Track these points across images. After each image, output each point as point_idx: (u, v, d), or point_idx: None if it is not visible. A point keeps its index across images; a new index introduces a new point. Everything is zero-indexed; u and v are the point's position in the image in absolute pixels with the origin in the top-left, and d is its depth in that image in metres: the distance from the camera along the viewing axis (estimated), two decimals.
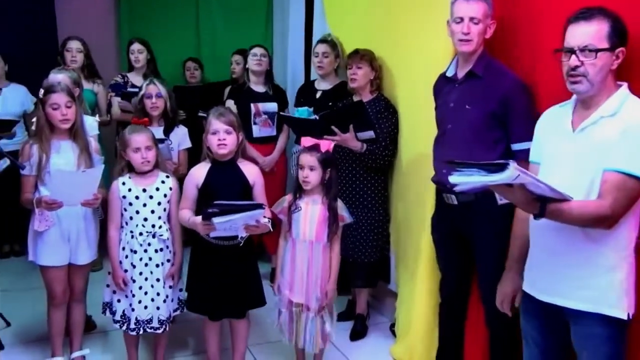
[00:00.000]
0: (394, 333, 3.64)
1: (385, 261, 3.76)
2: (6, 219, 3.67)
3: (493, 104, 2.58)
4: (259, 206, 2.71)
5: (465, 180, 1.81)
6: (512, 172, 1.71)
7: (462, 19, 2.59)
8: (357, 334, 3.73)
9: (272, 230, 2.93)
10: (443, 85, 2.84)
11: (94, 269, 3.34)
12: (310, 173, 2.95)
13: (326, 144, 3.00)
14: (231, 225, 2.73)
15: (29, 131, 3.47)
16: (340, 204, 3.04)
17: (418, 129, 3.33)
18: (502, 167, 1.73)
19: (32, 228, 3.05)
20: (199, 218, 2.77)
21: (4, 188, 3.16)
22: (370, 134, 3.43)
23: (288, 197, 3.06)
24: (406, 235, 3.49)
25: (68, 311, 3.23)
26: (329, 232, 2.98)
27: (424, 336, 3.23)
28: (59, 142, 3.03)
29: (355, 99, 3.64)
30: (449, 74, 2.79)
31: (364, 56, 3.56)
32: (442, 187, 2.74)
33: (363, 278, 3.73)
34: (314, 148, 2.98)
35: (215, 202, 2.67)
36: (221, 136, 2.92)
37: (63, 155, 3.01)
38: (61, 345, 3.23)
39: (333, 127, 3.37)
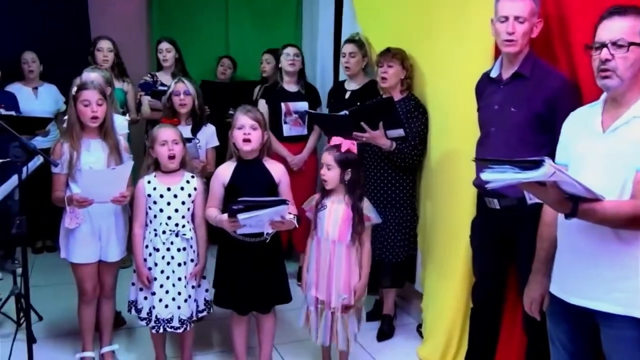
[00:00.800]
0: (420, 334, 3.61)
1: (412, 261, 3.73)
2: (39, 216, 3.75)
3: (539, 106, 2.50)
4: (283, 202, 2.73)
5: (498, 177, 1.77)
6: (547, 169, 1.67)
7: (506, 18, 2.51)
8: (384, 334, 3.70)
9: (297, 226, 2.93)
10: (486, 86, 2.77)
11: (123, 265, 3.38)
12: (327, 172, 2.95)
13: (347, 144, 2.98)
14: (257, 221, 2.75)
15: (61, 130, 3.53)
16: (367, 205, 3.02)
17: (448, 129, 3.29)
18: (537, 165, 1.69)
19: (63, 226, 3.10)
20: (225, 215, 2.80)
21: (37, 185, 3.21)
22: (399, 132, 3.40)
23: (317, 195, 3.07)
24: (434, 236, 3.46)
25: (98, 307, 3.28)
26: (353, 232, 2.97)
27: (452, 339, 3.20)
28: (89, 141, 3.07)
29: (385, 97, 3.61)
30: (493, 74, 2.71)
31: (395, 55, 3.52)
32: (484, 190, 2.65)
33: (390, 278, 3.71)
34: (335, 147, 2.98)
35: (240, 198, 2.70)
36: (246, 131, 2.94)
37: (93, 154, 3.06)
38: (91, 340, 3.28)
39: (362, 124, 3.35)
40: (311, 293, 3.05)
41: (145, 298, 3.08)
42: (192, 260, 3.08)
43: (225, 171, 3.02)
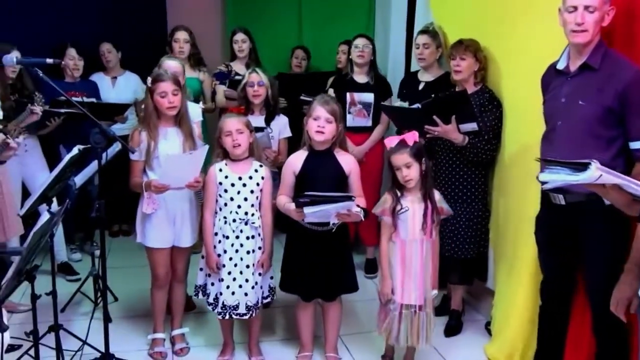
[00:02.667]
0: (489, 331, 3.53)
1: (483, 258, 3.64)
2: (116, 200, 3.90)
3: (610, 99, 2.39)
4: (349, 198, 2.74)
5: (551, 178, 1.77)
6: (593, 173, 1.66)
7: (575, 8, 2.41)
8: (452, 329, 3.65)
9: (363, 219, 2.93)
10: (553, 78, 2.67)
11: (195, 251, 3.46)
12: (409, 171, 2.90)
13: (411, 137, 2.94)
14: (323, 213, 2.78)
15: (139, 117, 3.64)
16: (438, 196, 2.99)
17: (524, 124, 3.19)
18: (584, 167, 1.67)
19: (140, 211, 3.21)
20: (293, 205, 2.83)
21: (115, 171, 3.33)
22: (473, 125, 3.32)
23: (389, 197, 3.00)
24: (506, 233, 3.37)
25: (170, 291, 3.38)
26: (431, 223, 2.94)
27: (521, 338, 3.12)
28: (166, 129, 3.16)
29: (458, 89, 3.53)
30: (560, 66, 2.61)
31: (468, 47, 3.44)
32: None
33: (459, 275, 3.64)
34: (402, 145, 2.93)
35: (307, 192, 2.74)
36: (321, 123, 2.96)
37: (170, 141, 3.14)
38: (162, 323, 3.39)
39: (435, 117, 3.29)
40: (397, 299, 2.97)
41: (213, 284, 3.15)
42: (259, 248, 3.12)
43: (296, 160, 3.06)
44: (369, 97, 4.30)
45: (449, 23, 3.95)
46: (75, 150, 3.08)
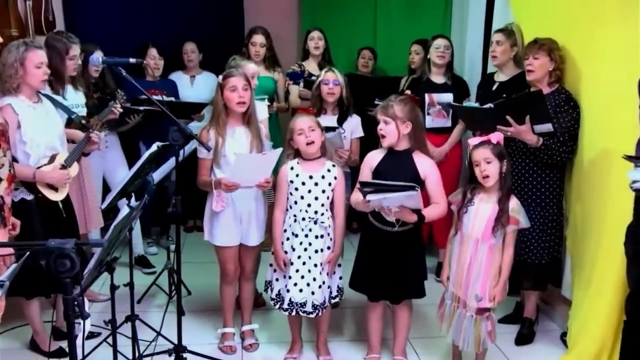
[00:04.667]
0: (564, 343, 3.40)
1: (557, 264, 3.51)
2: (191, 196, 3.98)
3: None
4: (412, 187, 2.71)
5: None
6: None
7: None
8: (524, 338, 3.54)
9: (412, 221, 2.90)
10: None
11: (265, 249, 3.50)
12: (488, 166, 2.85)
13: (495, 136, 2.89)
14: (387, 202, 2.79)
15: None
16: (517, 207, 2.90)
17: (604, 127, 3.06)
18: None
19: (208, 209, 3.27)
20: (361, 196, 2.83)
21: (191, 168, 3.41)
22: (547, 126, 3.21)
23: (463, 190, 3.01)
24: (585, 241, 3.24)
25: (239, 288, 3.44)
26: (497, 231, 2.87)
27: (601, 353, 3.00)
28: (234, 128, 3.20)
29: (533, 90, 3.42)
30: None
31: (542, 46, 3.33)
32: None
33: (531, 280, 3.52)
34: (485, 142, 2.89)
35: (371, 180, 2.78)
36: (380, 126, 2.98)
37: (237, 140, 3.19)
38: (232, 318, 3.46)
39: (508, 117, 3.21)
40: (451, 289, 3.01)
41: (277, 280, 3.18)
42: (328, 248, 3.13)
43: (374, 157, 3.07)
44: (448, 97, 4.24)
45: (528, 22, 3.84)
46: (154, 147, 3.19)
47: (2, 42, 2.56)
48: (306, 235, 3.09)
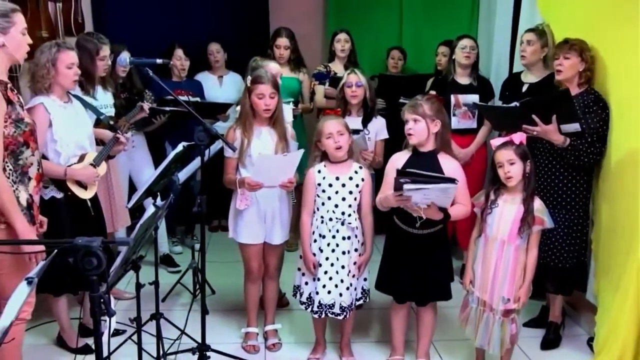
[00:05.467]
0: (591, 348, 3.35)
1: (582, 268, 3.46)
2: (216, 196, 4.01)
3: None
4: (452, 180, 2.70)
5: None
6: None
7: None
8: (549, 342, 3.50)
9: (438, 218, 2.88)
10: None
11: (289, 249, 3.51)
12: (512, 167, 2.84)
13: (518, 137, 2.87)
14: (422, 196, 2.75)
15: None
16: (541, 207, 2.88)
17: (635, 129, 3.01)
18: None
19: (233, 207, 3.29)
20: (391, 192, 2.81)
21: (215, 168, 3.43)
22: (575, 126, 3.17)
23: (486, 191, 2.99)
24: (611, 245, 3.19)
25: (263, 287, 3.46)
26: (522, 233, 2.85)
27: (628, 359, 2.94)
28: (260, 129, 3.22)
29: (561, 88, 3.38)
30: None
31: (573, 45, 3.28)
32: None
33: (556, 284, 3.46)
34: (509, 142, 2.88)
35: (408, 169, 2.75)
36: (408, 125, 2.96)
37: (263, 141, 3.21)
38: (255, 317, 3.48)
39: (534, 116, 3.17)
40: (476, 293, 2.99)
41: (307, 283, 3.18)
42: (355, 250, 3.12)
43: (399, 158, 3.05)
44: (473, 98, 4.20)
45: (557, 21, 3.78)
46: (180, 147, 3.21)
47: (31, 43, 2.60)
48: (333, 237, 3.09)
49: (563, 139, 3.20)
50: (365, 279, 3.23)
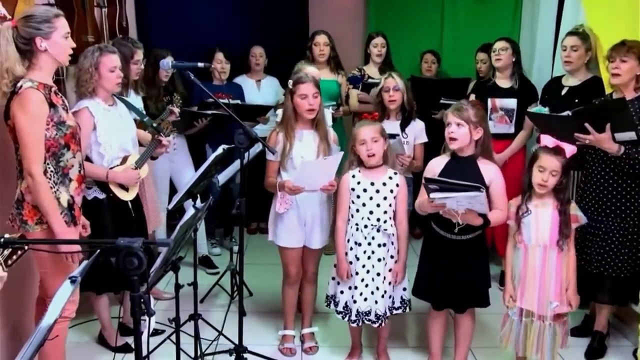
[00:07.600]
0: (637, 359, 3.26)
1: (637, 279, 3.34)
2: (255, 199, 4.05)
3: None
4: (478, 188, 2.66)
5: None
6: None
7: None
8: (594, 352, 3.41)
9: (478, 224, 2.84)
10: None
11: (328, 252, 3.50)
12: (551, 178, 2.78)
13: (570, 150, 2.80)
14: (451, 203, 2.73)
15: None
16: (574, 204, 2.84)
17: None
18: None
19: (273, 210, 3.30)
20: (426, 198, 2.79)
21: (255, 171, 3.45)
22: (630, 135, 3.06)
23: (514, 202, 2.93)
24: None
25: (300, 290, 3.46)
26: (562, 236, 2.79)
27: None
28: (302, 131, 3.23)
29: (615, 96, 3.27)
30: None
31: (631, 48, 3.15)
32: None
33: (609, 294, 3.35)
34: (559, 152, 2.80)
35: (436, 177, 2.73)
36: (451, 129, 2.91)
37: (305, 144, 3.21)
38: (293, 320, 3.48)
39: (587, 125, 3.08)
40: (519, 306, 2.91)
41: (342, 292, 3.16)
42: (392, 257, 3.09)
43: (437, 163, 3.01)
44: (511, 102, 4.14)
45: (603, 24, 3.68)
46: (220, 150, 3.24)
47: (77, 47, 2.66)
48: (369, 244, 3.07)
49: (617, 147, 3.08)
50: (404, 289, 3.18)
